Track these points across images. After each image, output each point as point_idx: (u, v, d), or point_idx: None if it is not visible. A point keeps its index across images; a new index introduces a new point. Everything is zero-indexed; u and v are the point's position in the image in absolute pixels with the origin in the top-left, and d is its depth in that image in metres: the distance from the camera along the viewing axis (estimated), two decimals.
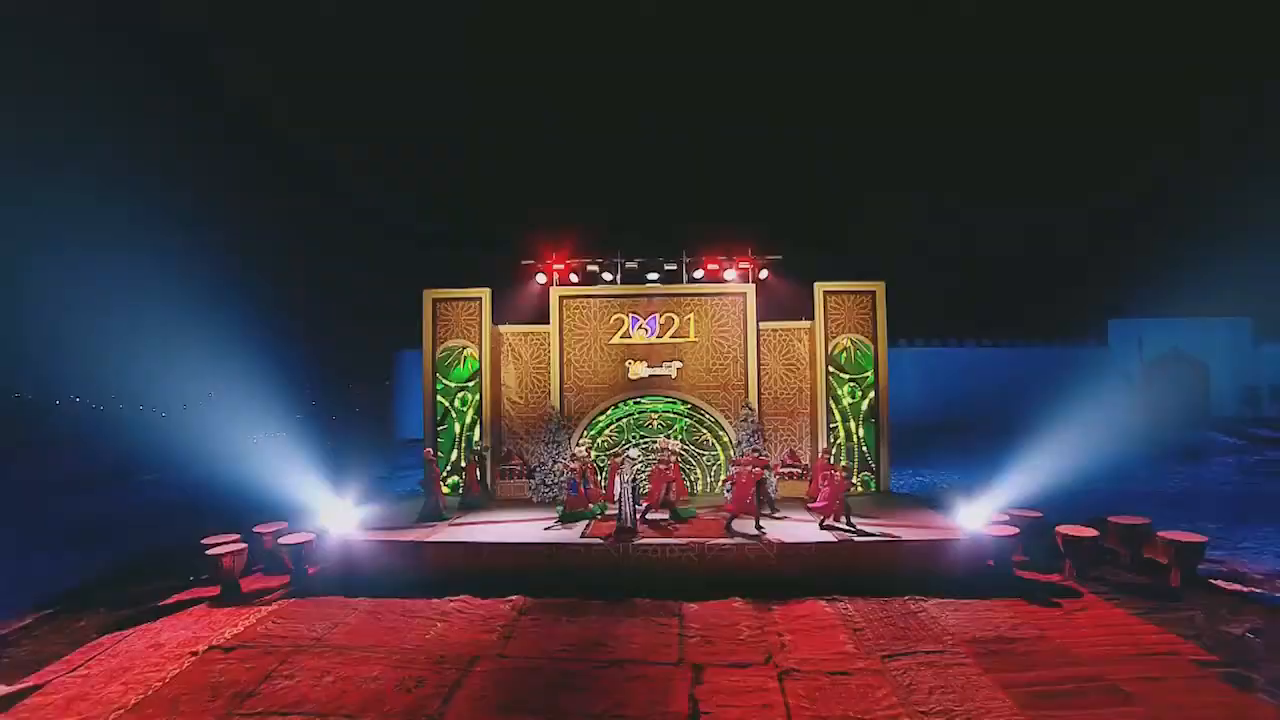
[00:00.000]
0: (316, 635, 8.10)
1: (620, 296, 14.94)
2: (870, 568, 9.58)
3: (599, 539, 10.29)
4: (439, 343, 14.91)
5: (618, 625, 8.40)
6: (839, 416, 14.48)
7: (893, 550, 9.67)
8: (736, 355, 14.82)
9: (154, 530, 13.87)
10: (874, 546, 9.72)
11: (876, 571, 9.53)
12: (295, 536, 10.03)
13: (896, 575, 9.43)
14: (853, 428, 14.45)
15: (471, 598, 9.37)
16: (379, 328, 21.10)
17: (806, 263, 15.33)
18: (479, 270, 15.31)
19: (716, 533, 10.55)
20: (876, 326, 14.57)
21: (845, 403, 14.50)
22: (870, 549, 9.70)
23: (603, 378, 14.84)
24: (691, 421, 14.77)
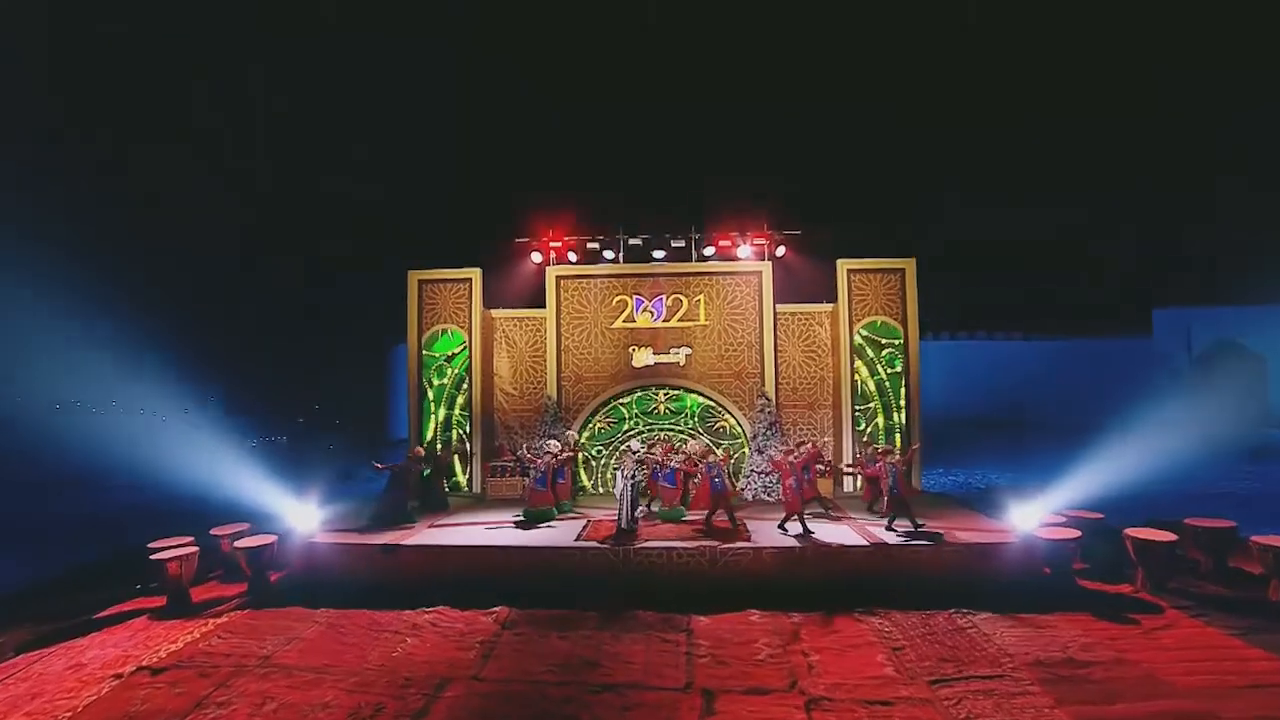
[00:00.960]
0: (265, 653, 7.18)
1: (623, 276, 13.96)
2: (907, 575, 8.54)
3: (596, 542, 9.31)
4: (425, 328, 14.00)
5: (615, 642, 7.42)
6: (879, 405, 13.34)
7: (934, 555, 8.62)
8: (751, 340, 13.80)
9: (122, 534, 13.03)
10: (911, 551, 8.67)
11: (915, 579, 8.49)
12: (254, 539, 9.13)
13: (938, 584, 8.39)
14: (881, 422, 13.38)
15: (448, 609, 8.42)
16: (371, 317, 20.20)
17: (828, 239, 14.28)
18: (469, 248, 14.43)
19: (729, 535, 9.55)
20: (906, 308, 13.49)
21: (871, 387, 13.42)
22: (908, 554, 8.65)
23: (604, 366, 13.86)
24: (700, 427, 13.74)
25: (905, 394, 13.37)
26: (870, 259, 13.62)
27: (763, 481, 12.46)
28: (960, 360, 27.51)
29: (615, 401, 13.90)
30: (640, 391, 13.91)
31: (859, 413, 13.36)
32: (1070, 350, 26.57)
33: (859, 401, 13.38)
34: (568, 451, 11.72)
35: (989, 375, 27.07)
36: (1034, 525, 8.74)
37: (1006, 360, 27.32)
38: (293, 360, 26.15)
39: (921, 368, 13.68)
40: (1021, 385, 26.07)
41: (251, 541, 9.02)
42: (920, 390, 13.60)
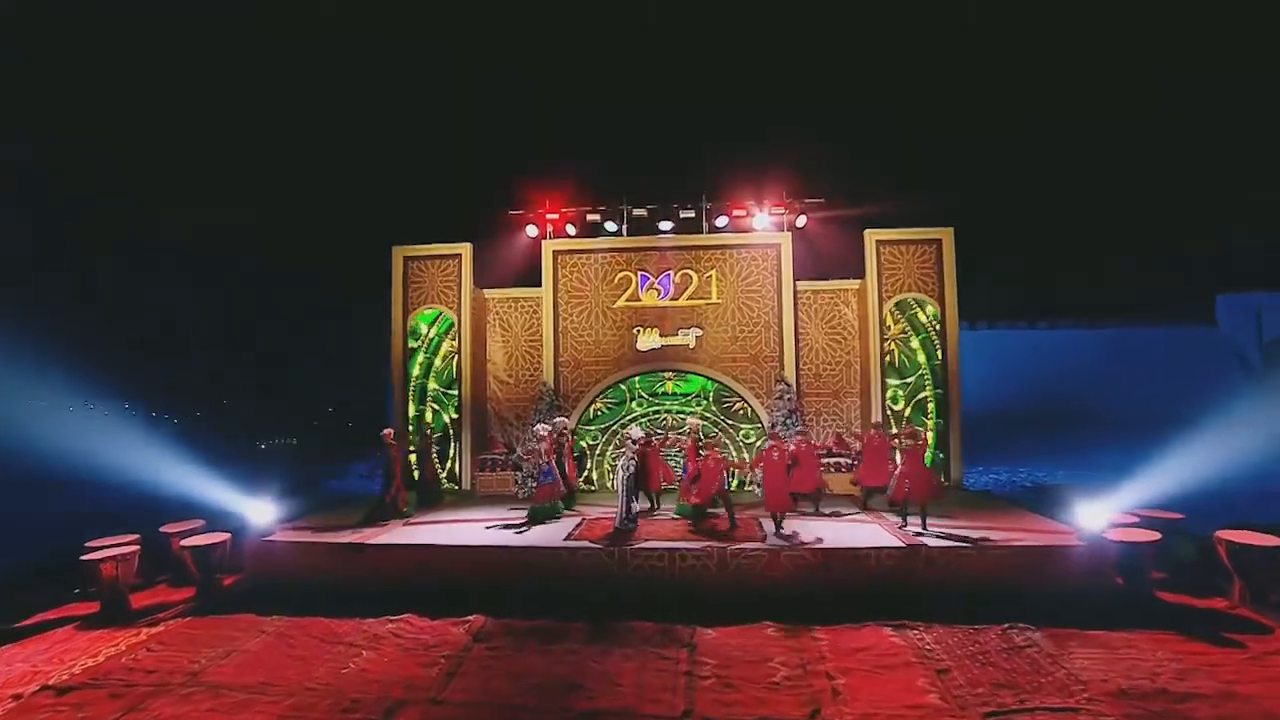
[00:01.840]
0: (195, 668, 6.36)
1: (627, 250, 13.03)
2: (951, 583, 7.49)
3: (589, 542, 8.39)
4: (411, 309, 13.19)
5: (604, 658, 6.49)
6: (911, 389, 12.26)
7: (982, 560, 7.55)
8: (768, 321, 12.78)
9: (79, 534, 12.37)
10: (956, 554, 7.61)
11: (960, 587, 7.44)
12: (203, 537, 8.35)
13: (988, 594, 7.33)
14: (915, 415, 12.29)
15: (417, 617, 7.57)
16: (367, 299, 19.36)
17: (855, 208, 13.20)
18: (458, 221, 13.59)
19: (743, 534, 8.57)
20: (943, 284, 12.39)
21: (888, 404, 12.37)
22: (951, 558, 7.59)
23: (606, 349, 12.94)
24: (715, 409, 12.75)
25: (944, 381, 12.26)
26: (902, 229, 12.53)
27: None
28: (1002, 350, 26.10)
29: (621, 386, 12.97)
30: (646, 378, 12.96)
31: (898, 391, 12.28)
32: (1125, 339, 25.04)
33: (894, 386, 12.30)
34: (566, 439, 10.76)
35: (1032, 367, 25.61)
36: (1101, 526, 7.63)
37: (1053, 350, 25.84)
38: (297, 360, 25.56)
39: (960, 358, 12.56)
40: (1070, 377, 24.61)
41: (200, 540, 8.23)
42: (960, 377, 12.48)
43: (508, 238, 13.45)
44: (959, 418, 12.36)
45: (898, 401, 12.31)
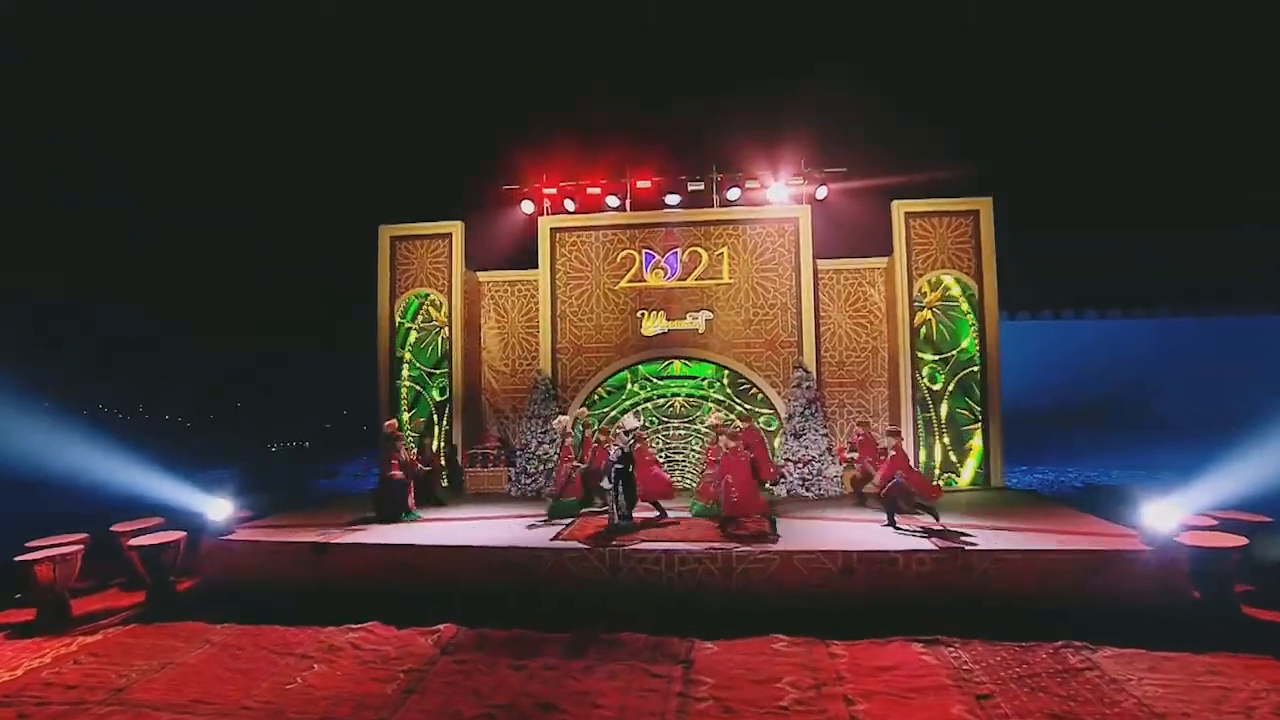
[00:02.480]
0: (123, 683, 5.78)
1: (630, 227, 12.32)
2: (993, 592, 6.65)
3: (577, 542, 7.69)
4: (398, 293, 12.62)
5: (586, 675, 5.79)
6: (918, 407, 11.42)
7: (1030, 566, 6.69)
8: (785, 303, 11.97)
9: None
10: (997, 560, 6.76)
11: (1004, 598, 6.60)
12: (154, 536, 7.80)
13: (1038, 606, 6.49)
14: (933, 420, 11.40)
15: (381, 625, 6.96)
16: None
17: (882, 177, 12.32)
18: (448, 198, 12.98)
19: (750, 536, 7.80)
20: (981, 260, 11.47)
21: (925, 387, 11.46)
22: (991, 563, 6.75)
23: (607, 334, 12.24)
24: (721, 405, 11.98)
25: (982, 369, 11.35)
26: (934, 199, 11.64)
27: (800, 473, 10.63)
28: (1045, 342, 24.89)
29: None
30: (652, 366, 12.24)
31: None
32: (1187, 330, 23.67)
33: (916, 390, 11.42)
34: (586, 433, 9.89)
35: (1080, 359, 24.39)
36: (1172, 529, 6.71)
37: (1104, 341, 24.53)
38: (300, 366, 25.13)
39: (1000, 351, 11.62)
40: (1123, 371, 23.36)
41: (149, 540, 7.68)
42: (1000, 365, 11.55)
43: (502, 215, 12.82)
44: (999, 410, 11.44)
45: (936, 380, 11.39)
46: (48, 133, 17.96)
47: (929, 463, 11.28)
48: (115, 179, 19.18)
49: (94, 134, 18.18)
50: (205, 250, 20.30)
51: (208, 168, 18.05)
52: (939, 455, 11.31)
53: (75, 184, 19.01)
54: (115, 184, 19.20)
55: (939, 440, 11.34)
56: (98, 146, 18.45)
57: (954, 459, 11.28)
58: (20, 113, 17.21)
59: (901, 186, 12.03)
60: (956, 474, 11.25)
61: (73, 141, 18.14)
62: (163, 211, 19.49)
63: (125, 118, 17.85)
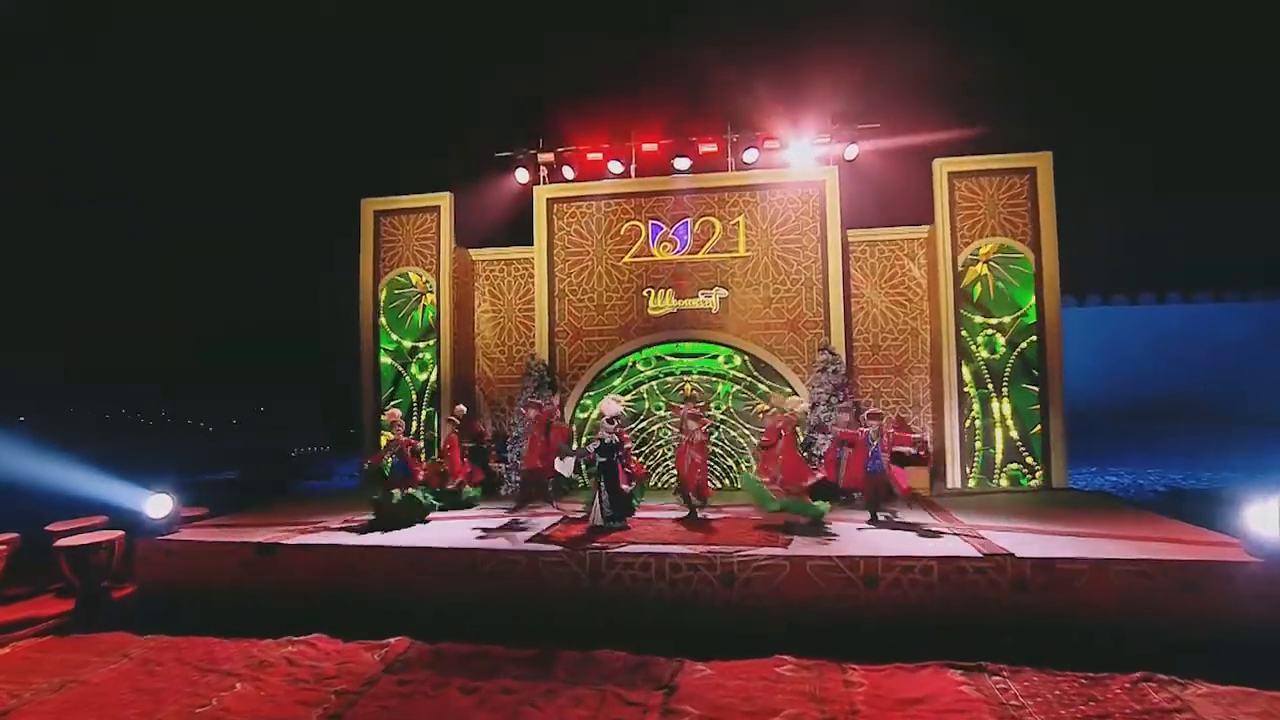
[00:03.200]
0: (12, 704, 5.26)
1: (635, 195, 11.59)
2: (1053, 610, 5.72)
3: (556, 544, 6.96)
4: (383, 273, 12.09)
5: (549, 700, 5.09)
6: (972, 383, 10.46)
7: (1100, 579, 5.73)
8: (810, 278, 11.09)
9: None
10: (1058, 570, 5.82)
11: (1066, 617, 5.67)
12: (84, 536, 7.32)
13: (1109, 628, 5.55)
14: (995, 404, 10.39)
15: (326, 638, 6.36)
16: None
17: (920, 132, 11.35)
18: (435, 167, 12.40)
19: (755, 538, 6.98)
20: (1039, 226, 10.43)
21: (981, 359, 10.48)
22: (1051, 575, 5.81)
23: (611, 315, 11.52)
24: (741, 385, 11.17)
25: (1039, 356, 10.32)
26: (983, 157, 10.64)
27: None
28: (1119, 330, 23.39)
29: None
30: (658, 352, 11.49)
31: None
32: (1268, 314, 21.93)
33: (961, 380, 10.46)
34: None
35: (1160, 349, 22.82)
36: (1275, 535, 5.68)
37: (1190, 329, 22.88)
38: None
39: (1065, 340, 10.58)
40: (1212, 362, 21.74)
41: (77, 540, 7.20)
42: (1062, 350, 10.50)
43: (495, 186, 12.20)
44: (1060, 401, 10.39)
45: (996, 348, 10.41)
46: (48, 133, 18.13)
47: (986, 452, 10.26)
48: (115, 179, 19.33)
49: (94, 134, 18.28)
50: (206, 250, 20.28)
51: (205, 161, 17.95)
52: (1001, 444, 10.29)
53: (75, 184, 19.21)
54: (115, 184, 19.36)
55: (1000, 426, 10.32)
56: (98, 146, 18.56)
57: (1022, 449, 10.25)
58: (20, 113, 17.35)
59: (947, 145, 11.05)
60: (1024, 466, 10.22)
61: (73, 141, 18.27)
62: (163, 211, 19.59)
63: (125, 118, 17.88)
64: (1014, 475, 10.29)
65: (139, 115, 17.86)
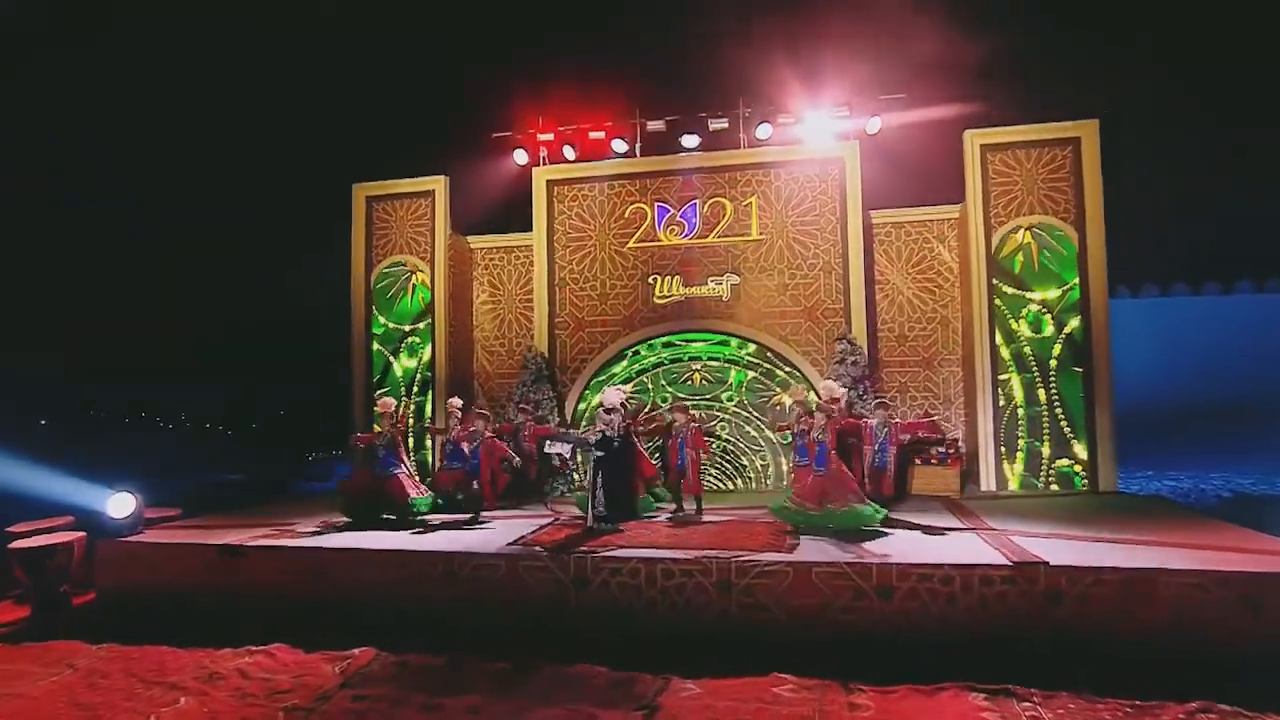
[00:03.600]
0: None
1: (640, 175, 11.23)
2: (1093, 626, 5.20)
3: (539, 548, 6.59)
4: (376, 261, 11.86)
5: None
6: (1014, 367, 9.86)
7: (1151, 590, 5.19)
8: (829, 263, 10.59)
9: None
10: (1100, 582, 5.29)
11: (1109, 635, 5.14)
12: (40, 538, 7.14)
13: (1161, 649, 5.01)
14: (1042, 392, 9.76)
15: (287, 648, 6.07)
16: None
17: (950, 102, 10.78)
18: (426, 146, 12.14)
19: (757, 542, 6.53)
20: (1083, 203, 9.79)
21: (1024, 339, 9.86)
22: (1092, 584, 5.28)
23: (614, 304, 11.16)
24: (757, 373, 10.73)
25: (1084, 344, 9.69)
26: (1019, 127, 10.05)
27: None
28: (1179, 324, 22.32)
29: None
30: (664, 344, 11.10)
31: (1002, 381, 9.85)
32: None
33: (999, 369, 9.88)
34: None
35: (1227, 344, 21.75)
36: None
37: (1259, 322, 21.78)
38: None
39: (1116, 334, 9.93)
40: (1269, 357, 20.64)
41: (32, 542, 7.01)
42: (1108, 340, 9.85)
43: (493, 169, 11.90)
44: (1109, 396, 9.73)
45: (1043, 326, 9.80)
46: (48, 133, 18.38)
47: (1031, 445, 9.65)
48: (115, 179, 19.55)
49: (94, 134, 18.49)
50: (205, 250, 20.41)
51: (205, 160, 18.03)
52: (1049, 436, 9.66)
53: (75, 184, 19.47)
54: (115, 184, 19.58)
55: (1047, 415, 9.70)
56: (98, 146, 18.77)
57: (1073, 439, 9.61)
58: (20, 113, 17.60)
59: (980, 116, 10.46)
60: (1076, 461, 9.57)
61: (73, 141, 18.50)
62: (163, 211, 19.77)
63: (125, 118, 18.05)
64: (1064, 473, 9.61)
65: (139, 115, 18.01)
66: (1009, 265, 9.97)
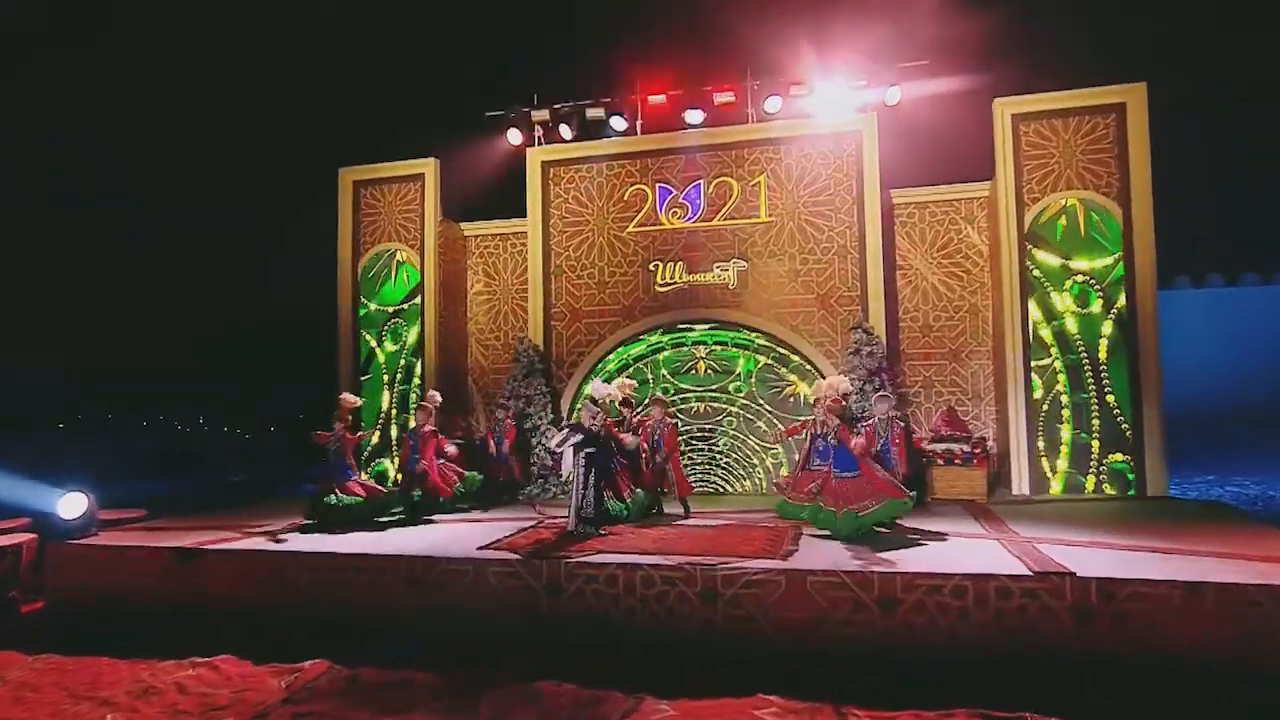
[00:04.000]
0: None
1: (641, 155, 10.90)
2: (1131, 647, 4.72)
3: (511, 552, 6.27)
4: (363, 250, 11.67)
5: None
6: (1055, 349, 9.28)
7: (1205, 605, 4.69)
8: (845, 246, 10.13)
9: None
10: (1140, 595, 4.79)
11: (1149, 658, 4.67)
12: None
13: (1215, 674, 4.53)
14: (1089, 375, 9.16)
15: (235, 660, 5.82)
16: None
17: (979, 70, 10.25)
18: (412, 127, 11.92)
19: (750, 548, 6.12)
20: (1128, 176, 9.19)
21: (1068, 314, 9.25)
22: (1130, 597, 4.79)
23: (613, 293, 10.83)
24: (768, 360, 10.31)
25: (1130, 330, 9.08)
26: (1055, 94, 9.49)
27: None
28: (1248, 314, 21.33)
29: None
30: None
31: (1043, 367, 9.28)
32: None
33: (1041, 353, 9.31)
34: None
35: None
36: None
37: None
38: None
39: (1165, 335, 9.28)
40: None
41: None
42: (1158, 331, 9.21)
43: (486, 151, 11.64)
44: (1158, 390, 9.10)
45: (1090, 300, 9.17)
46: (48, 133, 18.70)
47: (1076, 438, 9.06)
48: (115, 179, 19.86)
49: (94, 134, 18.79)
50: (206, 250, 20.64)
51: (204, 160, 18.21)
52: (1102, 427, 9.03)
53: (75, 184, 19.82)
54: (115, 184, 19.89)
55: (1098, 403, 9.07)
56: (98, 146, 19.08)
57: (1127, 429, 9.00)
58: (20, 113, 17.91)
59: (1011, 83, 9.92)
60: (1128, 454, 8.97)
61: (73, 141, 18.82)
62: (163, 211, 20.04)
63: (125, 118, 18.30)
64: (1117, 470, 8.96)
65: (139, 115, 18.24)
66: (1049, 233, 9.37)
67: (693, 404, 10.44)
